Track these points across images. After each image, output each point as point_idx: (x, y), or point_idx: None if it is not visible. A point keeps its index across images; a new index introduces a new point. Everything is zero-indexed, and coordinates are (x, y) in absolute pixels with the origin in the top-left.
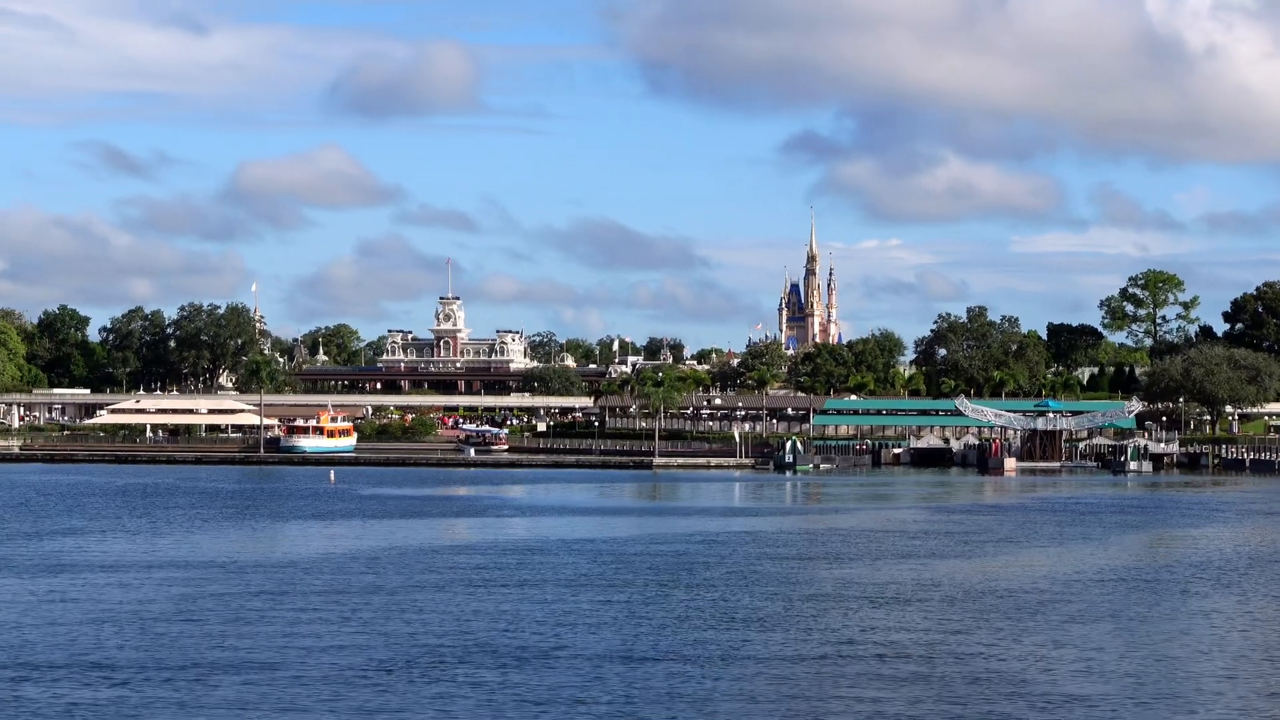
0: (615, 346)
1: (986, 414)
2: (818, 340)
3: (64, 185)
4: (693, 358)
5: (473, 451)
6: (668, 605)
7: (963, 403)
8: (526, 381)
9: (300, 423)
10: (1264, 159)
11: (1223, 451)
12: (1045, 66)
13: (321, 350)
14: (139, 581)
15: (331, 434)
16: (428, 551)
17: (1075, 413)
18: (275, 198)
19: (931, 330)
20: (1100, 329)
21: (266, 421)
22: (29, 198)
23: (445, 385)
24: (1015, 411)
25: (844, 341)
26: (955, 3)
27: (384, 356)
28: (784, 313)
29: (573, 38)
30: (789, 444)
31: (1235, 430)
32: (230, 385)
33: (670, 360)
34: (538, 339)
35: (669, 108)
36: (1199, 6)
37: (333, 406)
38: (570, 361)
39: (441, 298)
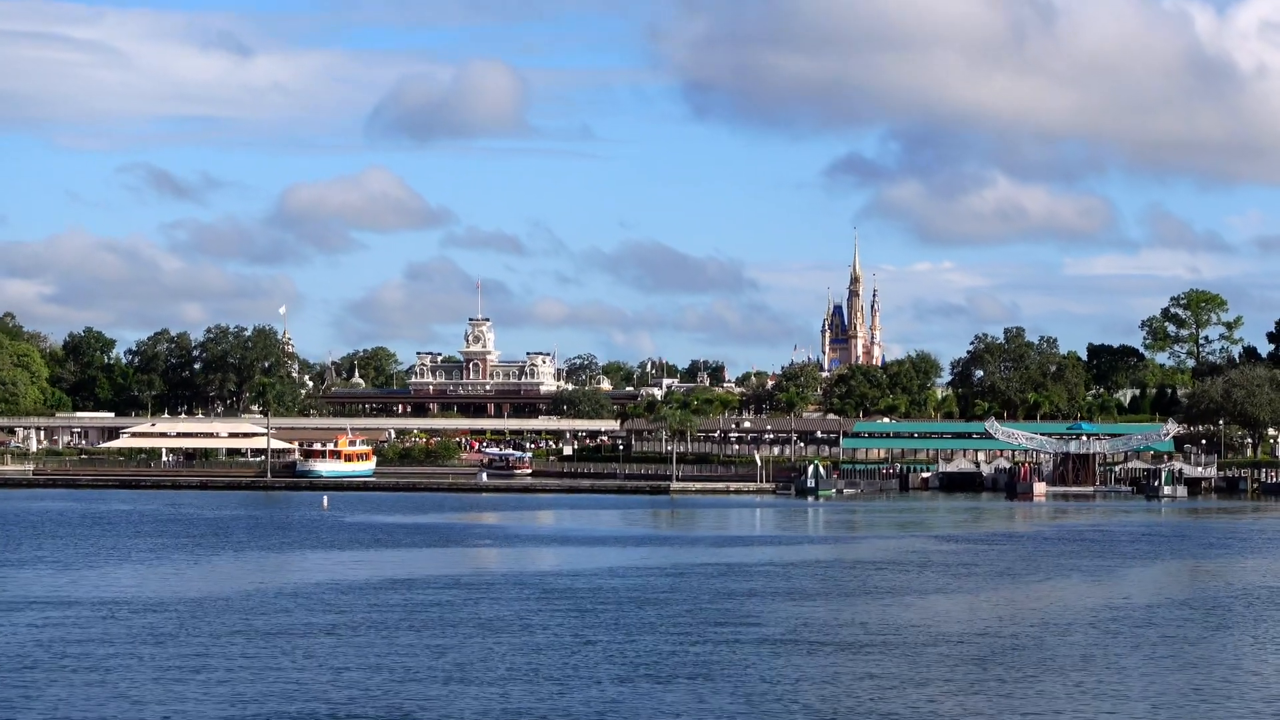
0: (649, 368)
1: (1017, 437)
2: (861, 362)
3: (112, 209)
4: (735, 380)
5: (485, 476)
6: (583, 653)
7: (992, 425)
8: (556, 404)
9: (318, 446)
10: None
11: (1262, 475)
12: (1093, 87)
13: (358, 373)
14: None
15: (349, 458)
16: (357, 588)
17: (1111, 435)
18: (323, 221)
19: (968, 351)
20: (1142, 350)
21: (284, 445)
22: (79, 221)
23: (474, 408)
24: (1047, 434)
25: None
26: (1002, 23)
27: (413, 379)
28: (826, 335)
29: (616, 60)
30: (810, 468)
31: (1278, 453)
32: (256, 409)
33: (707, 383)
34: (578, 361)
35: (713, 130)
36: (1247, 27)
37: (352, 430)
38: (606, 384)
39: (471, 319)
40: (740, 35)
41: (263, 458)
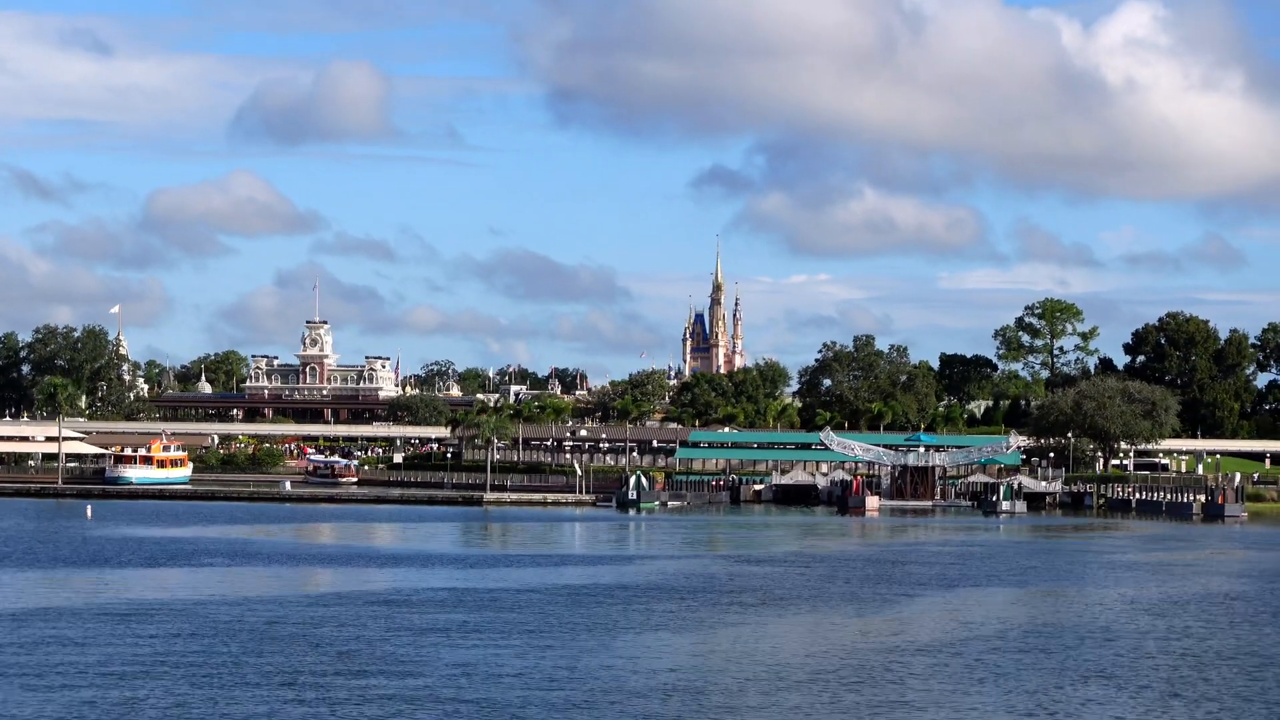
0: (503, 376)
1: (854, 448)
2: (723, 371)
3: None
4: (594, 390)
5: (288, 484)
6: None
7: (828, 435)
8: (394, 410)
9: (129, 452)
10: (1182, 196)
11: (1108, 491)
12: (962, 99)
13: (204, 378)
14: None
15: (163, 464)
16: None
17: (956, 447)
18: (190, 225)
19: (816, 360)
20: (995, 360)
21: (99, 450)
22: None
23: (311, 413)
24: (886, 446)
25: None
26: (871, 34)
27: (248, 383)
28: (688, 343)
29: (482, 67)
30: (632, 479)
31: (1129, 467)
32: (86, 411)
33: (558, 390)
34: (435, 368)
35: (579, 139)
36: (1113, 42)
37: (170, 435)
38: (457, 391)
39: (308, 322)
40: (605, 41)
41: (79, 463)
